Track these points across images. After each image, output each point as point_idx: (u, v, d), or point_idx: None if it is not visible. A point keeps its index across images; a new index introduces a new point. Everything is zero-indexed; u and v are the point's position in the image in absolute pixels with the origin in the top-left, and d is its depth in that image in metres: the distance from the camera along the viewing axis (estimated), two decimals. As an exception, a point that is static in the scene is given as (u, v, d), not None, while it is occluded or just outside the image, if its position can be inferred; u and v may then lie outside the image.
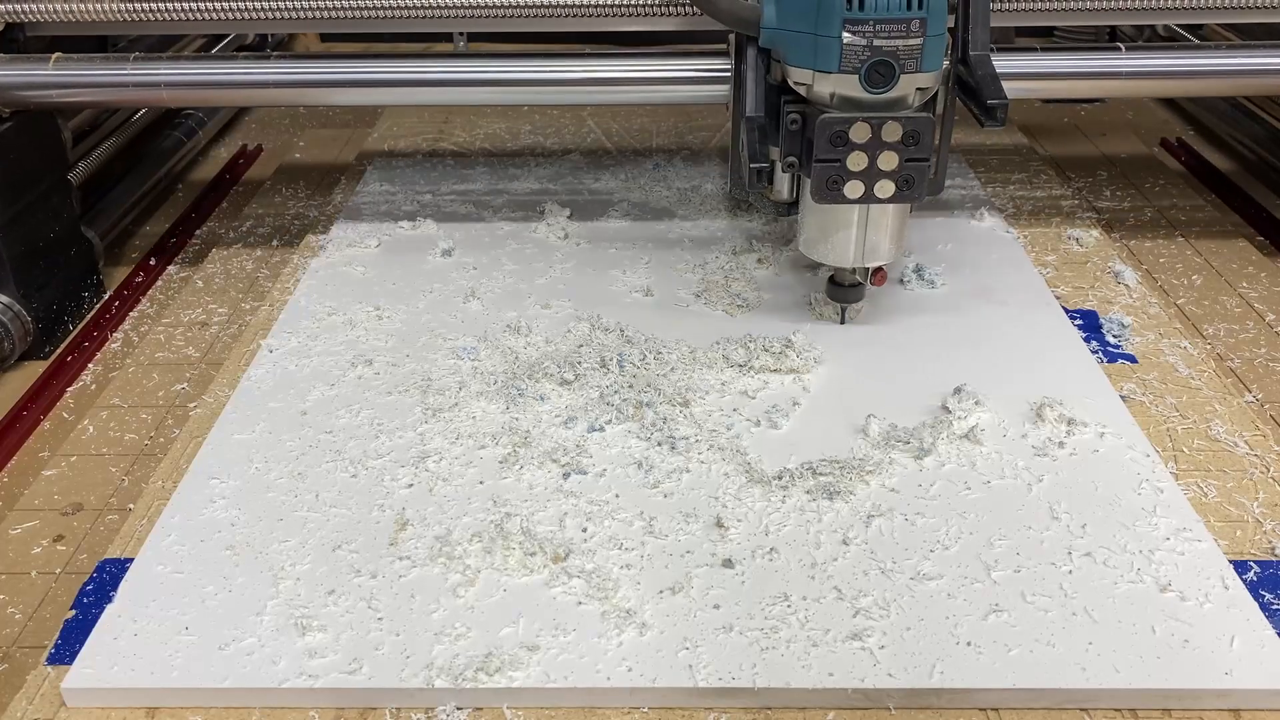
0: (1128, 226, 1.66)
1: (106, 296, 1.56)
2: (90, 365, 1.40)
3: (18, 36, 1.46)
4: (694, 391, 1.17)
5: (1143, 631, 0.88)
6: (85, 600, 0.95)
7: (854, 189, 1.15)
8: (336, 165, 1.93)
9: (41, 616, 0.99)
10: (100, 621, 0.91)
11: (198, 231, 1.76)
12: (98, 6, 1.39)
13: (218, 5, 1.39)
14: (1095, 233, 1.55)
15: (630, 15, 1.40)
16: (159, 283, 1.60)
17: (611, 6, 1.39)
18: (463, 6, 1.40)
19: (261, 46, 2.29)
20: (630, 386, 1.18)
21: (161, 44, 1.82)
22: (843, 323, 1.31)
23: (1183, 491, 1.04)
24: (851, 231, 1.22)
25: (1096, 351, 1.26)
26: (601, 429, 1.12)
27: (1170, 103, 2.19)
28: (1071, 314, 1.34)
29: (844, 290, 1.29)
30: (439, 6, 1.40)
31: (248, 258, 1.62)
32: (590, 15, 1.40)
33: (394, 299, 1.39)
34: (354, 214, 1.63)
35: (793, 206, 1.31)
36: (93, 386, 1.35)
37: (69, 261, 1.51)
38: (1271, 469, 1.09)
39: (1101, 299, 1.39)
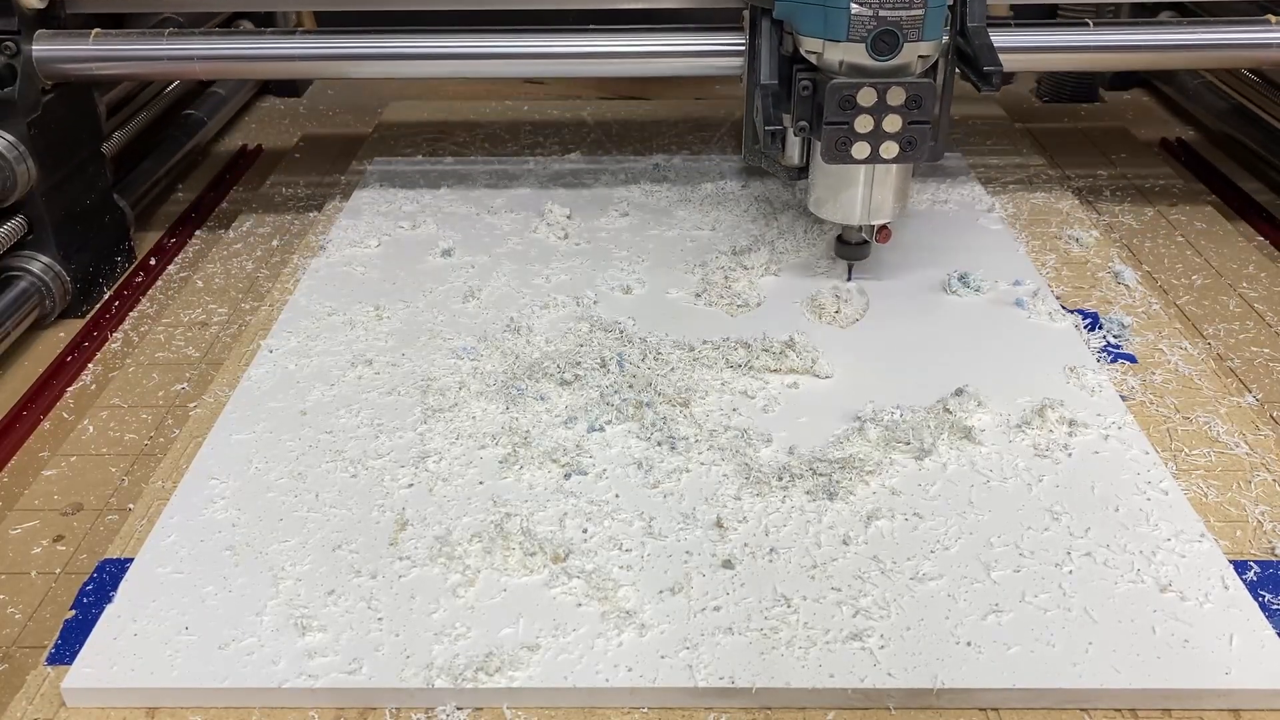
0: (1127, 226, 1.66)
1: (137, 262, 1.65)
2: (90, 365, 1.40)
3: (59, 13, 1.51)
4: (694, 391, 1.17)
5: (1143, 631, 0.88)
6: (85, 600, 0.95)
7: (861, 150, 1.23)
8: (337, 165, 1.93)
9: (41, 616, 0.99)
10: (100, 621, 0.91)
11: (197, 232, 1.76)
12: None
13: None
14: (1095, 233, 1.56)
15: None
16: (159, 282, 1.60)
17: None
18: None
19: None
20: (630, 386, 1.18)
21: (189, 24, 1.89)
22: (849, 279, 1.39)
23: (1183, 491, 1.04)
24: (858, 190, 1.30)
25: (1097, 352, 1.27)
26: (601, 429, 1.12)
27: (1170, 102, 2.19)
28: (1071, 314, 1.33)
29: (851, 248, 1.38)
30: None
31: (248, 258, 1.62)
32: None
33: (394, 299, 1.39)
34: (354, 214, 1.63)
35: (803, 172, 1.39)
36: (93, 386, 1.36)
37: (103, 227, 1.60)
38: (1272, 469, 1.09)
39: (1101, 299, 1.39)
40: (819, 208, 1.36)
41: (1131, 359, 1.27)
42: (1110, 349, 1.28)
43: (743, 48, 1.45)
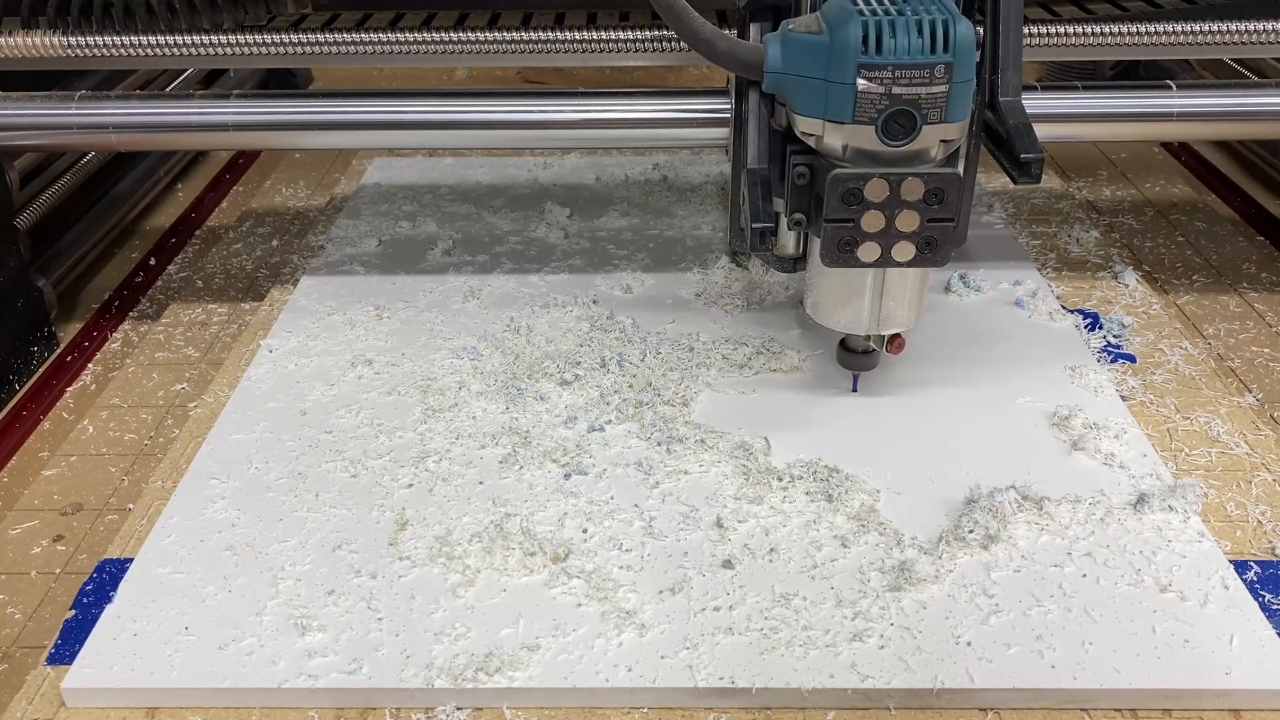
0: (1128, 226, 1.66)
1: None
2: (90, 365, 1.40)
3: None
4: (694, 391, 1.17)
5: (1143, 631, 0.88)
6: (85, 600, 0.95)
7: (869, 251, 1.01)
8: (336, 166, 1.93)
9: (41, 616, 0.99)
10: (100, 621, 0.91)
11: (196, 232, 1.76)
12: (42, 41, 1.27)
13: (194, 40, 1.29)
14: (1095, 233, 1.56)
15: (623, 52, 1.31)
16: (159, 282, 1.60)
17: (603, 42, 1.30)
18: (452, 42, 1.30)
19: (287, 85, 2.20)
20: (630, 386, 1.18)
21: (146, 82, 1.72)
22: (855, 390, 1.20)
23: (1183, 491, 1.04)
24: (865, 299, 1.09)
25: (1097, 352, 1.26)
26: (601, 429, 1.12)
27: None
28: (1071, 314, 1.33)
29: (856, 357, 1.17)
30: (408, 42, 1.30)
31: (247, 258, 1.62)
32: (582, 51, 1.32)
33: (394, 299, 1.39)
34: (354, 214, 1.64)
35: (798, 262, 1.17)
36: (93, 386, 1.36)
37: (16, 314, 1.38)
38: (1272, 469, 1.09)
39: (1101, 299, 1.39)
40: (818, 313, 1.13)
41: (1131, 359, 1.27)
42: (1110, 349, 1.28)
43: (729, 113, 1.26)
